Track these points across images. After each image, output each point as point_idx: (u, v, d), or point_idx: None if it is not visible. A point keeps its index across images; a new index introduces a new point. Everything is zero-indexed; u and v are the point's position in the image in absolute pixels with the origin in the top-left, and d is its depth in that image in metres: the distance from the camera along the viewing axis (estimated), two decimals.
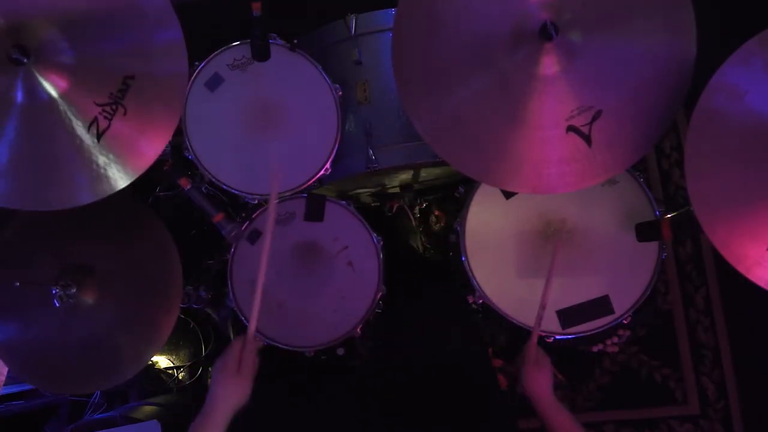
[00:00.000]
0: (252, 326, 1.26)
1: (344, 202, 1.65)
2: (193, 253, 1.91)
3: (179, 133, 1.54)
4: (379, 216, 2.17)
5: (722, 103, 1.18)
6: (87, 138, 1.28)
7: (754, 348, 2.25)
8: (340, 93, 1.62)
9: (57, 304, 1.50)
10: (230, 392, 1.19)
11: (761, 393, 2.23)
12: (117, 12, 1.27)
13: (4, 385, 1.84)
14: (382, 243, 1.63)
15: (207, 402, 1.19)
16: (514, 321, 1.55)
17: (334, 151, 1.60)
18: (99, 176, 1.29)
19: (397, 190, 2.05)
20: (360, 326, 1.59)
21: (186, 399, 2.28)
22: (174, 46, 1.30)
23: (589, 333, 1.54)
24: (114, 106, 1.29)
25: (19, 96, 1.25)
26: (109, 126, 1.29)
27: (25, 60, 1.22)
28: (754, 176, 1.18)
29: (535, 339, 1.43)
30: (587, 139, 1.28)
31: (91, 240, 1.58)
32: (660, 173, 2.37)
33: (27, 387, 2.15)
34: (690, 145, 1.20)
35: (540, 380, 1.38)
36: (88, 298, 1.53)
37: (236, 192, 1.61)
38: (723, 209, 1.19)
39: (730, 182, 1.19)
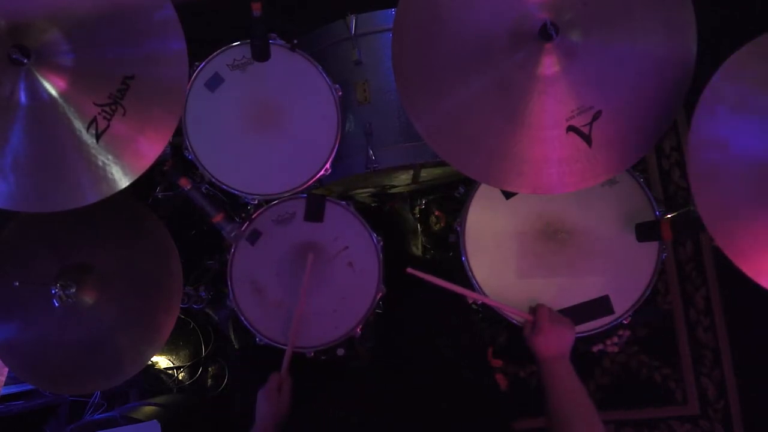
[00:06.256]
0: (285, 364, 1.49)
1: (344, 202, 1.65)
2: (193, 253, 1.92)
3: (179, 133, 1.54)
4: (379, 216, 2.17)
5: (712, 156, 1.19)
6: (86, 138, 1.28)
7: (754, 348, 2.25)
8: (340, 93, 1.61)
9: (57, 304, 1.51)
10: (276, 409, 1.40)
11: (761, 393, 2.23)
12: (119, 15, 1.27)
13: (4, 385, 1.84)
14: (382, 243, 1.63)
15: (257, 420, 1.40)
16: (514, 321, 1.54)
17: (334, 151, 1.60)
18: (99, 177, 1.30)
19: (399, 190, 2.05)
20: (360, 326, 1.59)
21: (186, 399, 2.28)
22: (176, 49, 1.30)
23: (589, 333, 1.54)
24: (113, 107, 1.29)
25: (23, 97, 1.25)
26: (108, 126, 1.29)
27: (26, 60, 1.22)
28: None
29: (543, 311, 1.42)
30: (587, 139, 1.28)
31: (90, 240, 1.58)
32: (660, 173, 2.37)
33: (27, 387, 2.15)
34: (702, 207, 1.20)
35: (556, 338, 1.35)
36: (88, 298, 1.53)
37: (236, 192, 1.61)
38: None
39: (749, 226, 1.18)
